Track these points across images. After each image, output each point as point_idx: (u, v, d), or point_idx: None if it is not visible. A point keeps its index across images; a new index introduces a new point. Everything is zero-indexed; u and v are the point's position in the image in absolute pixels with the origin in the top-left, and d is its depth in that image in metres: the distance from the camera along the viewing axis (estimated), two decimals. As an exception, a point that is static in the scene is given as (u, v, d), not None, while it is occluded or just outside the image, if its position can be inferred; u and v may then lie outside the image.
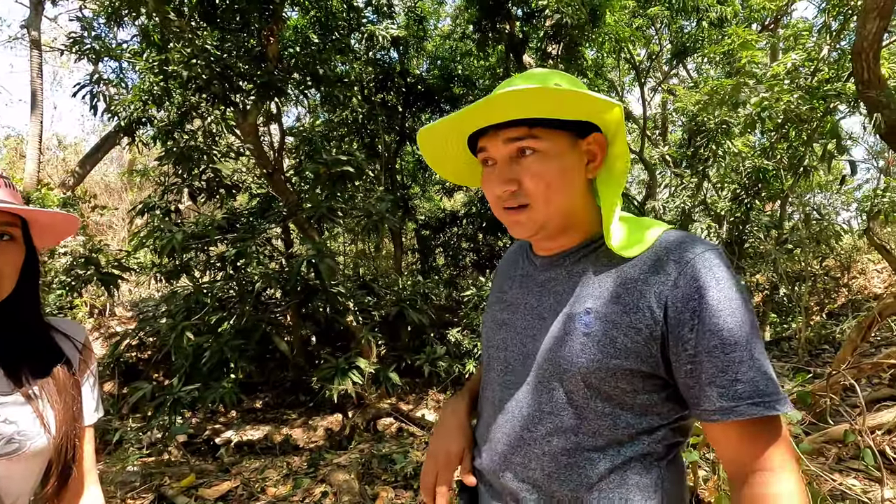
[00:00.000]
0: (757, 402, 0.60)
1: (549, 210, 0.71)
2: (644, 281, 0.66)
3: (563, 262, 0.76)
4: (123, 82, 5.97)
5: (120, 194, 12.37)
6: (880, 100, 2.83)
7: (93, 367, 0.92)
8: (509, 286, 0.84)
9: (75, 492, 0.86)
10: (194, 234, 4.28)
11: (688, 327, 0.63)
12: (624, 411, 0.68)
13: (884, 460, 1.71)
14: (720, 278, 0.63)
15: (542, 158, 0.70)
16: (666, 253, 0.67)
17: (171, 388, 3.40)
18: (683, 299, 0.63)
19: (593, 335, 0.67)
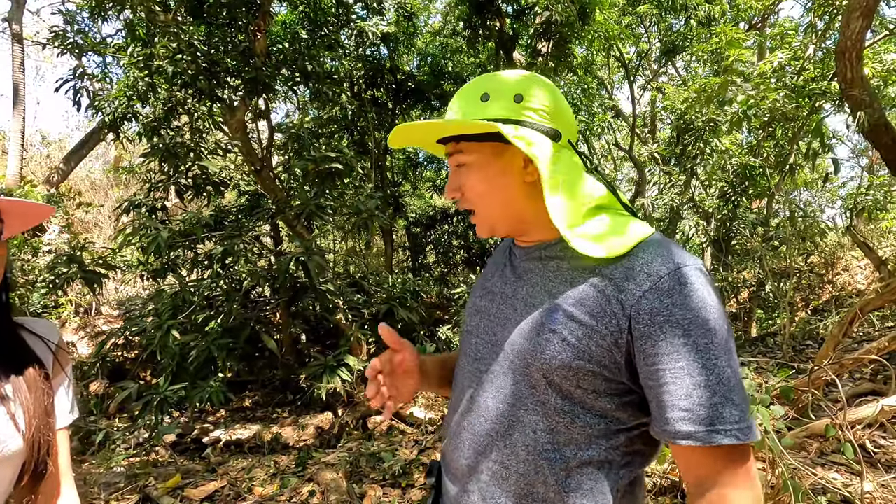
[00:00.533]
0: (719, 430, 0.58)
1: (490, 214, 0.77)
2: (615, 287, 0.65)
3: (539, 254, 0.77)
4: (108, 77, 5.88)
5: (105, 191, 12.20)
6: (863, 98, 2.87)
7: (67, 368, 0.90)
8: (492, 274, 0.86)
9: (50, 494, 0.84)
10: (181, 231, 4.23)
11: (650, 342, 0.61)
12: (583, 411, 0.67)
13: (864, 454, 1.74)
14: (694, 297, 0.61)
15: (470, 170, 0.76)
16: (642, 262, 0.65)
17: (157, 388, 3.36)
18: (651, 313, 0.62)
19: (559, 333, 0.66)
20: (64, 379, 0.89)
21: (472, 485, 0.73)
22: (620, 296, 0.64)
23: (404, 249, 9.52)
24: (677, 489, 2.05)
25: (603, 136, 10.77)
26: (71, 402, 0.89)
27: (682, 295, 0.61)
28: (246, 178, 6.12)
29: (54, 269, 3.46)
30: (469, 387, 0.78)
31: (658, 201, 8.32)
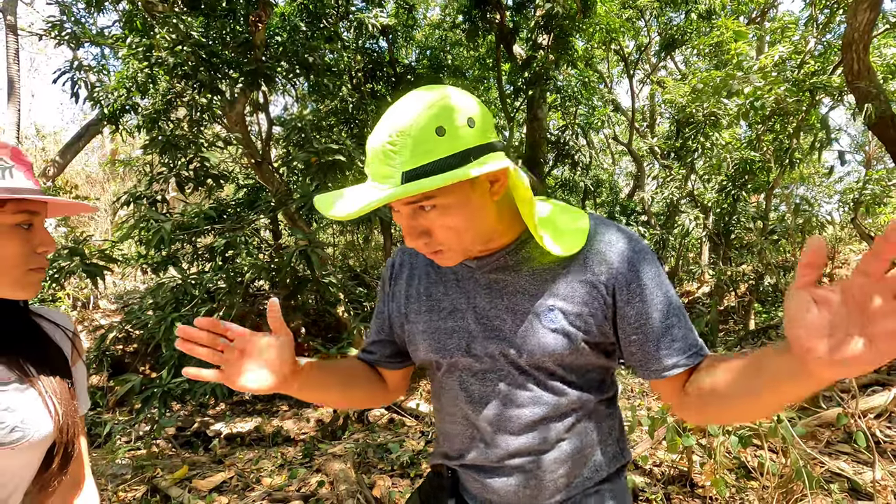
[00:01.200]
0: (694, 352, 0.75)
1: (464, 246, 0.73)
2: (592, 272, 0.76)
3: (503, 262, 0.79)
4: (105, 69, 5.82)
5: (102, 185, 12.12)
6: (870, 90, 2.87)
7: (83, 356, 0.91)
8: (441, 292, 0.83)
9: (72, 482, 0.85)
10: (183, 224, 4.20)
11: (630, 306, 0.76)
12: (590, 374, 0.81)
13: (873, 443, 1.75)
14: (646, 260, 0.77)
15: (445, 211, 0.68)
16: (603, 246, 0.77)
17: (160, 381, 3.34)
18: (626, 283, 0.76)
19: (561, 328, 0.76)
20: (81, 367, 0.90)
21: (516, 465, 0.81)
22: (600, 278, 0.76)
23: (402, 244, 9.51)
24: (686, 479, 2.06)
25: (602, 131, 10.77)
26: (85, 390, 0.90)
27: (641, 262, 0.76)
28: (245, 171, 6.08)
29: (54, 262, 3.43)
30: (482, 395, 0.81)
31: (657, 195, 8.34)
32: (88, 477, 0.89)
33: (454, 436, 0.86)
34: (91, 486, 0.89)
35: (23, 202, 0.73)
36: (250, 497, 2.26)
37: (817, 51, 5.78)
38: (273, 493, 2.30)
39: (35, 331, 0.82)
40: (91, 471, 0.91)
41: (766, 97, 4.26)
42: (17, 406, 0.73)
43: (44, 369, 0.78)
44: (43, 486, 0.79)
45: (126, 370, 5.54)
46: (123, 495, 2.35)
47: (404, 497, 2.29)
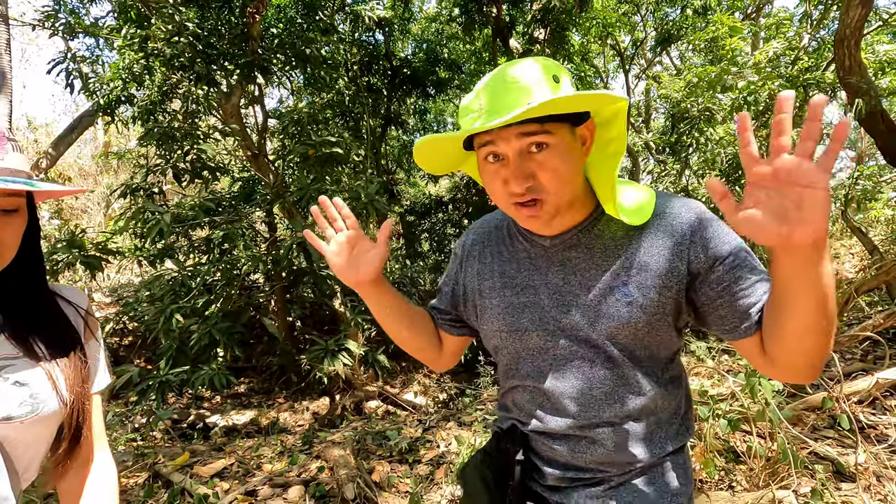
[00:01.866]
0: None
1: (560, 200, 0.76)
2: (664, 245, 0.77)
3: (576, 240, 0.82)
4: (99, 60, 5.77)
5: (95, 177, 12.03)
6: (861, 86, 2.92)
7: (97, 333, 0.90)
8: (514, 269, 0.87)
9: (86, 457, 0.86)
10: (179, 216, 4.20)
11: (712, 272, 0.74)
12: (659, 350, 0.82)
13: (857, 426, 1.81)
14: (716, 224, 0.76)
15: (555, 152, 0.73)
16: (672, 216, 0.78)
17: (158, 372, 3.36)
18: (703, 250, 0.75)
19: (636, 301, 0.77)
20: (95, 344, 0.89)
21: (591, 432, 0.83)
22: (673, 251, 0.76)
23: (398, 237, 9.53)
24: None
25: (597, 125, 10.79)
26: (103, 366, 0.90)
27: (711, 227, 0.76)
28: (241, 164, 6.07)
29: (53, 254, 3.43)
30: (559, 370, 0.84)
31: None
32: (105, 451, 0.90)
33: (524, 404, 0.89)
34: (108, 460, 0.90)
35: None
36: (252, 482, 2.30)
37: (811, 47, 5.83)
38: (274, 478, 2.34)
39: (48, 306, 0.82)
40: (107, 445, 0.92)
41: (760, 92, 4.31)
42: (27, 380, 0.73)
43: (53, 347, 0.79)
44: (56, 464, 0.80)
45: (122, 363, 5.54)
46: (125, 481, 2.38)
47: (403, 481, 2.34)
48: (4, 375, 0.73)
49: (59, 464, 0.81)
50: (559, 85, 0.73)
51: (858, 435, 1.59)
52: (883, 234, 6.88)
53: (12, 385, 0.72)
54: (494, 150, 0.74)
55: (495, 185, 0.77)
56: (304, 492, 2.19)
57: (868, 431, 2.16)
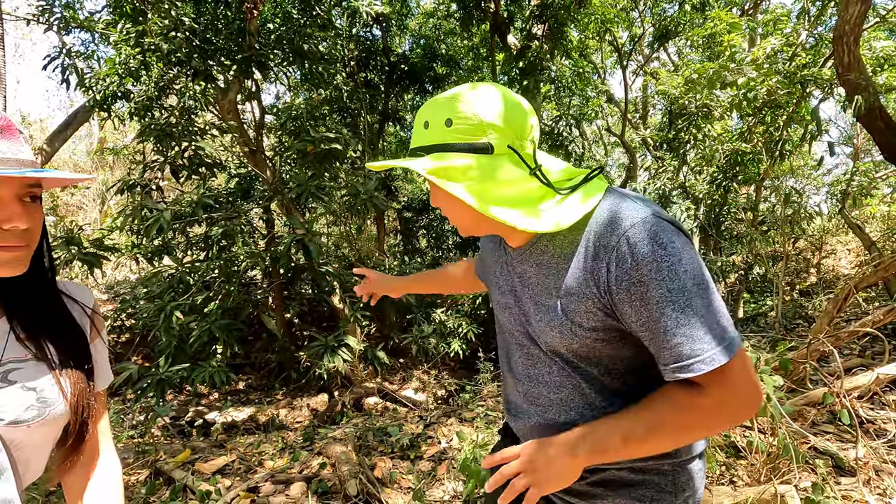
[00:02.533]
0: (695, 364, 0.66)
1: (457, 223, 0.83)
2: (587, 269, 0.73)
3: (529, 255, 0.84)
4: (95, 55, 5.72)
5: (90, 173, 11.94)
6: (859, 82, 2.93)
7: (103, 332, 0.90)
8: (499, 270, 0.93)
9: (90, 456, 0.86)
10: (176, 213, 4.18)
11: (627, 304, 0.69)
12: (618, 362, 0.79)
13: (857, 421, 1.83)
14: (643, 254, 0.66)
15: (432, 186, 0.82)
16: (597, 238, 0.72)
17: (157, 369, 3.35)
18: (617, 281, 0.69)
19: (565, 325, 0.77)
20: (101, 343, 0.89)
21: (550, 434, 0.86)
22: (593, 275, 0.72)
23: (396, 234, 9.51)
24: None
25: (595, 122, 10.80)
26: (106, 365, 0.90)
27: (633, 259, 0.67)
28: (238, 160, 6.04)
29: (51, 251, 3.41)
30: (528, 371, 0.89)
31: (649, 186, 8.40)
32: (110, 449, 0.90)
33: (507, 399, 0.97)
34: (113, 457, 0.90)
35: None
36: (253, 478, 2.30)
37: (808, 43, 5.84)
38: (276, 474, 2.34)
39: (58, 308, 0.82)
40: (112, 442, 0.92)
41: (758, 89, 4.31)
42: (34, 384, 0.73)
43: (63, 349, 0.78)
44: (61, 463, 0.80)
45: (119, 360, 5.53)
46: (127, 478, 2.37)
47: (405, 478, 2.34)
48: (12, 378, 0.72)
49: (64, 460, 0.81)
50: (426, 132, 0.78)
51: (859, 430, 1.60)
52: (879, 230, 6.92)
53: (20, 388, 0.72)
54: None
55: None
56: (306, 488, 2.19)
57: (867, 426, 2.17)
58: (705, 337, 0.66)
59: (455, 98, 0.76)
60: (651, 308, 0.67)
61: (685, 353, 0.66)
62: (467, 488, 1.93)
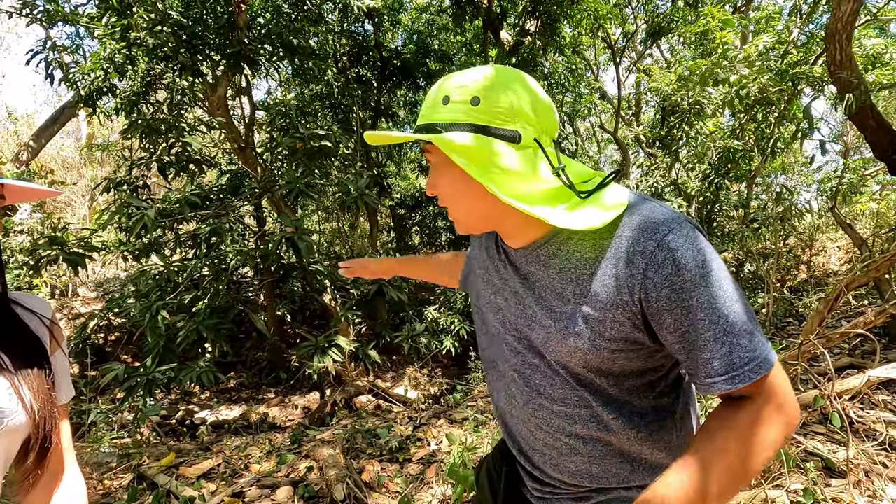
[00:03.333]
0: (736, 376, 0.63)
1: (460, 215, 0.77)
2: (616, 276, 0.68)
3: (537, 256, 0.77)
4: (80, 49, 5.62)
5: (78, 169, 11.79)
6: (851, 80, 2.92)
7: (63, 344, 0.87)
8: (494, 269, 0.86)
9: (55, 471, 0.83)
10: (165, 211, 4.12)
11: (663, 315, 0.66)
12: (626, 378, 0.74)
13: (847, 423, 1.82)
14: (686, 259, 0.64)
15: (436, 170, 0.77)
16: (631, 243, 0.67)
17: (144, 369, 3.30)
18: (656, 289, 0.65)
19: (583, 333, 0.70)
20: (61, 354, 0.86)
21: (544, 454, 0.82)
22: (625, 283, 0.67)
23: (389, 231, 9.45)
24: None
25: (588, 119, 10.79)
26: (68, 378, 0.87)
27: (675, 264, 0.64)
28: (228, 156, 5.97)
29: (34, 251, 3.34)
30: (516, 380, 0.82)
31: (642, 183, 8.41)
32: (73, 466, 0.87)
33: (498, 409, 0.89)
34: (77, 475, 0.87)
35: None
36: (239, 483, 2.26)
37: (800, 41, 5.84)
38: (262, 478, 2.30)
39: (10, 319, 0.79)
40: (76, 459, 0.89)
41: (750, 86, 4.30)
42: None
43: (17, 357, 0.75)
44: (24, 477, 0.76)
45: (108, 359, 5.46)
46: (109, 483, 2.33)
47: (393, 481, 2.31)
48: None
49: (27, 477, 0.78)
50: (445, 107, 0.72)
51: (849, 432, 1.59)
52: (867, 228, 6.96)
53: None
54: None
55: None
56: (292, 493, 2.16)
57: (857, 427, 2.17)
58: (751, 343, 0.64)
59: (486, 77, 0.71)
60: (693, 316, 0.63)
61: (735, 361, 0.63)
62: (456, 492, 1.91)
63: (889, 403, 2.48)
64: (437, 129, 0.70)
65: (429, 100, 0.74)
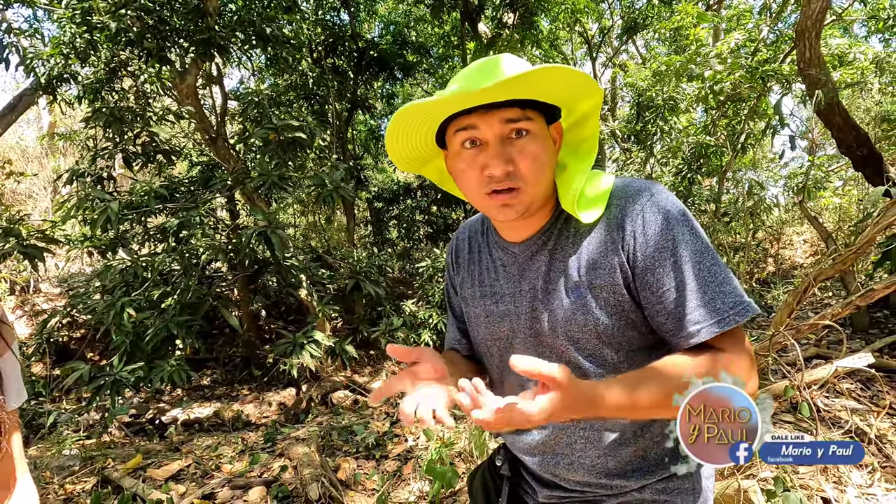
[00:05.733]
0: (719, 320, 0.66)
1: (536, 191, 0.73)
2: (610, 241, 0.73)
3: (541, 245, 0.79)
4: (38, 33, 5.35)
5: (40, 160, 11.30)
6: (820, 77, 2.98)
7: (13, 345, 0.81)
8: (493, 277, 0.85)
9: (5, 483, 0.78)
10: (131, 203, 3.96)
11: (659, 267, 0.69)
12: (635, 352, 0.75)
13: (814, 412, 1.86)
14: (672, 216, 0.70)
15: (536, 140, 0.72)
16: (618, 210, 0.73)
17: (111, 368, 3.18)
18: (646, 246, 0.70)
19: (590, 304, 0.73)
20: (11, 357, 0.80)
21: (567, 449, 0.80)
22: (617, 246, 0.72)
23: (366, 224, 9.35)
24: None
25: (565, 113, 10.85)
26: (18, 382, 0.81)
27: (659, 223, 0.70)
28: (199, 147, 5.79)
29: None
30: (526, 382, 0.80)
31: (617, 178, 8.48)
32: (25, 475, 0.82)
33: None
34: (28, 483, 0.82)
35: None
36: (209, 484, 2.20)
37: (769, 39, 5.98)
38: (234, 479, 2.24)
39: None
40: (27, 467, 0.83)
41: (724, 82, 4.37)
42: None
43: None
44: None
45: (72, 357, 5.25)
46: (71, 488, 2.23)
47: (370, 479, 2.28)
48: None
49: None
50: None
51: (818, 422, 1.63)
52: (831, 222, 7.21)
53: None
54: (474, 134, 0.72)
55: (471, 172, 0.73)
56: (265, 493, 2.10)
57: (823, 415, 2.23)
58: (733, 290, 0.68)
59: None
60: (683, 268, 0.68)
61: (720, 307, 0.66)
62: (433, 489, 1.89)
63: (853, 391, 2.57)
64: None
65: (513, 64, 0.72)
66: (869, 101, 7.99)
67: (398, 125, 0.73)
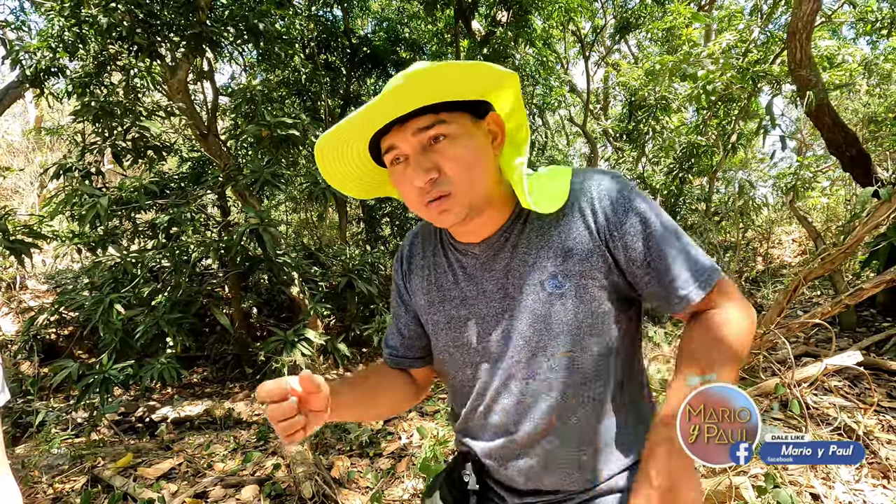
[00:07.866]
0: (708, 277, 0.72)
1: (473, 192, 0.72)
2: (579, 227, 0.74)
3: (503, 242, 0.78)
4: (25, 25, 5.26)
5: (26, 155, 11.13)
6: (810, 78, 3.01)
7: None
8: (451, 281, 0.83)
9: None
10: (121, 199, 3.91)
11: (634, 239, 0.72)
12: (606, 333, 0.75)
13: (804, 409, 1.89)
14: (638, 200, 0.73)
15: (456, 141, 0.70)
16: (583, 196, 0.74)
17: (101, 366, 3.14)
18: (614, 224, 0.72)
19: (567, 292, 0.73)
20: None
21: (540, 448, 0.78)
22: (589, 230, 0.73)
23: (359, 222, 9.32)
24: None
25: (558, 111, 10.89)
26: (1, 381, 0.80)
27: (629, 198, 0.73)
28: (189, 143, 5.73)
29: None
30: (499, 384, 0.79)
31: (609, 177, 8.52)
32: (7, 475, 0.80)
33: (475, 423, 0.83)
34: (10, 484, 0.80)
35: None
36: (202, 483, 2.18)
37: (760, 40, 6.03)
38: (226, 478, 2.22)
39: None
40: (10, 468, 0.82)
41: (716, 82, 4.41)
42: None
43: None
44: None
45: (60, 354, 5.18)
46: (60, 487, 2.20)
47: (364, 477, 2.28)
48: None
49: None
50: None
51: (807, 419, 1.65)
52: (819, 222, 7.31)
53: None
54: (396, 152, 0.72)
55: (406, 188, 0.73)
56: (258, 491, 2.09)
57: (812, 412, 2.26)
58: (702, 255, 0.73)
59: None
60: (657, 242, 0.71)
61: (699, 269, 0.72)
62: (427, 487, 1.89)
63: (840, 389, 2.61)
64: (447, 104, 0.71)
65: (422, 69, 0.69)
66: (857, 102, 8.10)
67: (325, 160, 0.75)
